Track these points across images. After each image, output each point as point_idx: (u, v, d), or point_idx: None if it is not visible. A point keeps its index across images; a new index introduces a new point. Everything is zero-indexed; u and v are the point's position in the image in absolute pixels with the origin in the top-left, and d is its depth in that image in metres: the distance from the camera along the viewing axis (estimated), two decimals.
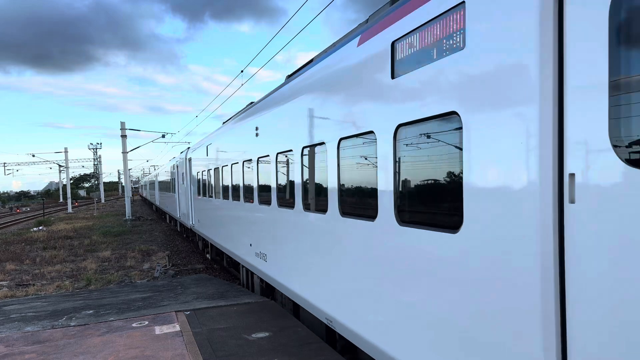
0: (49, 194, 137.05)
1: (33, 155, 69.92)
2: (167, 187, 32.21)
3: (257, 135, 10.29)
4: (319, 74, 6.90)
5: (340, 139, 6.15)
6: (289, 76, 9.09)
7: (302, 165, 7.61)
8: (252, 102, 11.81)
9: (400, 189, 4.79)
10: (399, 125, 4.76)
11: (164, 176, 36.01)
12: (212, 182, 15.60)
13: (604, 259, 2.73)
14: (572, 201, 2.92)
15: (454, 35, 3.94)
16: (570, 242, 2.95)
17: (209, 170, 16.13)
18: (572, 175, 2.90)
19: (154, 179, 49.60)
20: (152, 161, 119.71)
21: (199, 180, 18.53)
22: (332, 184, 6.46)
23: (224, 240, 14.50)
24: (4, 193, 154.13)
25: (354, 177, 5.92)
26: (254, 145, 10.47)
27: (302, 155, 7.60)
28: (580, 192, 2.84)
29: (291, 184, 8.14)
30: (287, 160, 8.38)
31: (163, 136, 43.44)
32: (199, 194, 18.63)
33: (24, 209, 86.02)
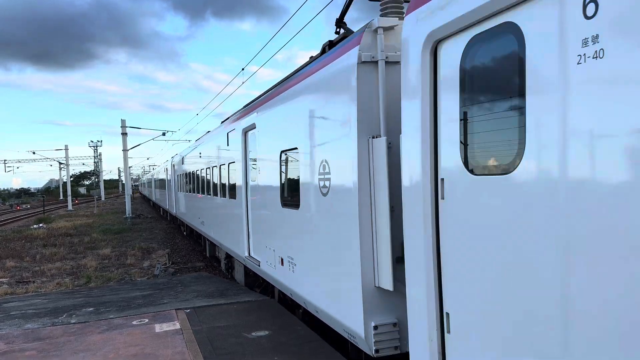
0: (49, 192, 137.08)
1: (33, 153, 70.04)
2: (162, 185, 39.66)
3: (200, 156, 18.26)
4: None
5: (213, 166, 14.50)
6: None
7: (211, 173, 15.66)
8: (207, 131, 18.94)
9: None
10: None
11: (159, 176, 43.72)
12: (184, 181, 23.79)
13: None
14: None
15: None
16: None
17: (184, 173, 23.69)
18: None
19: (151, 177, 56.51)
20: (152, 159, 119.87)
21: (177, 180, 27.43)
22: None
23: (188, 218, 23.30)
24: (4, 190, 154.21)
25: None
26: (199, 162, 18.52)
27: (215, 169, 15.04)
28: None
29: (214, 183, 15.10)
30: (212, 170, 15.50)
31: (164, 134, 43.45)
32: (179, 190, 26.78)
33: (24, 206, 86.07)
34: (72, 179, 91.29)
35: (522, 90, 3.19)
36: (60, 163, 78.08)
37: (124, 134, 40.19)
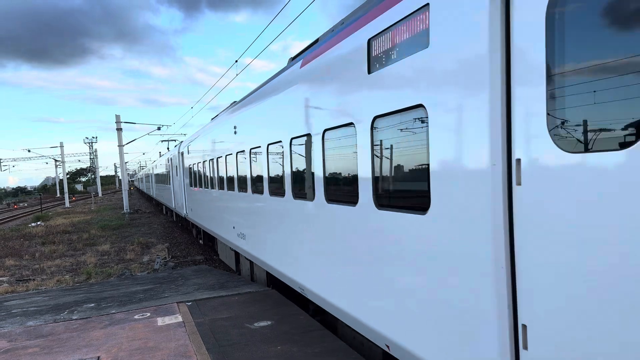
0: (46, 189, 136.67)
1: (29, 151, 69.62)
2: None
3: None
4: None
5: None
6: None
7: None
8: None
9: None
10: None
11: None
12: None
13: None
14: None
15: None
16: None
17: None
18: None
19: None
20: (148, 154, 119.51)
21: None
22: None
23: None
24: (0, 189, 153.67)
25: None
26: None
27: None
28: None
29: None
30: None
31: (159, 128, 43.30)
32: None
33: (21, 204, 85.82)
34: (68, 176, 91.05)
35: None
36: (56, 160, 77.75)
37: (119, 130, 40.03)
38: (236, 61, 21.15)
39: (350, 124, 5.66)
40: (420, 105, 4.35)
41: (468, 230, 3.81)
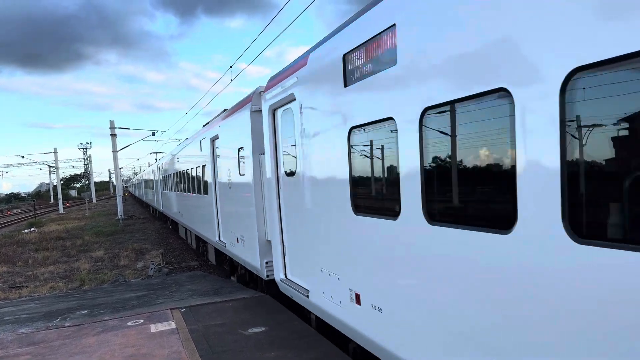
0: (40, 195, 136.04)
1: (22, 157, 69.34)
2: (149, 185, 43.70)
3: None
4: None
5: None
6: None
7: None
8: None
9: None
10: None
11: (144, 180, 51.91)
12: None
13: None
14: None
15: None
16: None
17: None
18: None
19: (140, 180, 62.01)
20: (142, 160, 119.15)
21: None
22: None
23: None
24: None
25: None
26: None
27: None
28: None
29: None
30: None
31: (153, 134, 43.21)
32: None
33: (14, 211, 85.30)
34: (62, 182, 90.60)
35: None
36: (49, 166, 77.41)
37: (113, 135, 39.92)
38: (231, 67, 21.16)
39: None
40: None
41: None
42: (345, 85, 5.58)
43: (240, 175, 10.74)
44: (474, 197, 3.73)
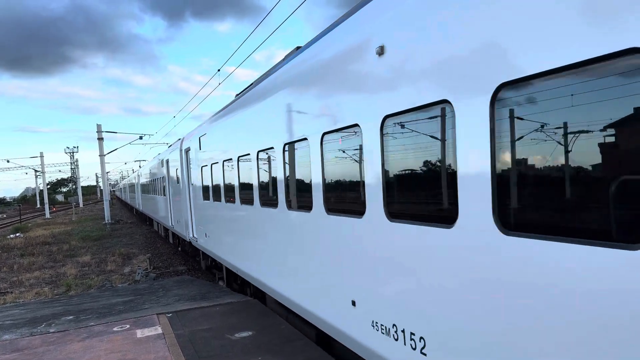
0: (26, 200, 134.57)
1: (8, 161, 68.61)
2: (132, 190, 53.71)
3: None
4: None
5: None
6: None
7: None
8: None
9: None
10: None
11: (129, 184, 62.48)
12: (139, 187, 39.03)
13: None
14: None
15: None
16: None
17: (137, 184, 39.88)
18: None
19: (125, 185, 73.11)
20: (129, 164, 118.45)
21: (134, 186, 45.39)
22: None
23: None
24: None
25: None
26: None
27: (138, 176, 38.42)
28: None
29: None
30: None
31: (141, 138, 42.95)
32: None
33: (0, 215, 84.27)
34: (48, 186, 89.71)
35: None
36: (36, 171, 76.63)
37: (100, 139, 39.63)
38: (219, 70, 21.13)
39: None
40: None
41: None
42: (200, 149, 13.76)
43: (177, 184, 18.11)
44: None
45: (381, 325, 4.82)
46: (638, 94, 2.49)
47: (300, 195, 6.80)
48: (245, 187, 9.23)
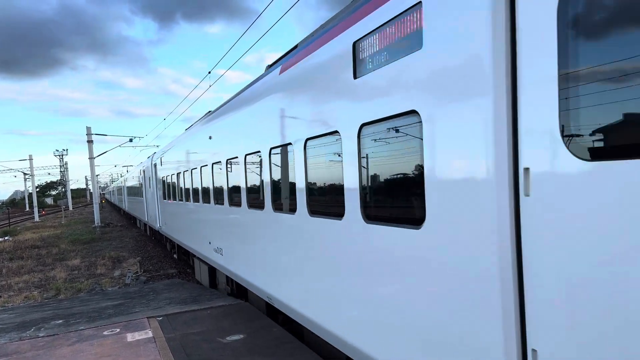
0: (15, 203, 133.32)
1: None
2: (119, 193, 58.98)
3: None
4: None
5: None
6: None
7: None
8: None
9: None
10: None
11: (117, 187, 66.82)
12: (125, 190, 45.36)
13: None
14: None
15: None
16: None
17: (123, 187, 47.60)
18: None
19: (114, 188, 77.56)
20: (119, 167, 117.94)
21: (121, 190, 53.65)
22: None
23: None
24: None
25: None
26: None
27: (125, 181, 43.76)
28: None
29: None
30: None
31: (131, 140, 42.74)
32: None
33: None
34: (38, 189, 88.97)
35: None
36: (24, 174, 75.98)
37: (90, 142, 39.38)
38: (209, 72, 21.08)
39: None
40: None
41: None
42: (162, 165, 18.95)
43: (149, 188, 24.15)
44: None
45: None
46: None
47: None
48: (194, 191, 13.21)
